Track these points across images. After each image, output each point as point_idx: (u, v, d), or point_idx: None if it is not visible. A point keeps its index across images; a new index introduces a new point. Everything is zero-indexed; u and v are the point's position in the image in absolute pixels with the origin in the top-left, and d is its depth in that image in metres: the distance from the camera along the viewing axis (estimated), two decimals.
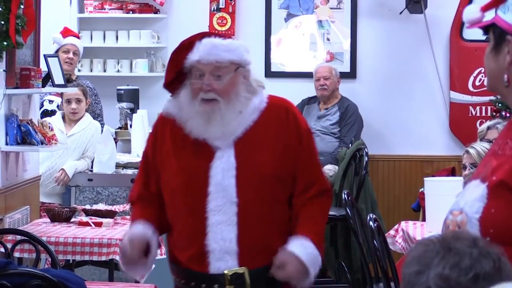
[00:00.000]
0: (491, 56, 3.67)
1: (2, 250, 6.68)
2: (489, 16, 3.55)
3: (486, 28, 3.58)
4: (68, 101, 9.49)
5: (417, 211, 9.37)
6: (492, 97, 9.65)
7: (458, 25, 10.80)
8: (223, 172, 4.67)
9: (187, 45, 4.74)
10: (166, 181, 4.85)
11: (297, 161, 4.80)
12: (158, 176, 4.87)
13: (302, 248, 4.60)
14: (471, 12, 3.59)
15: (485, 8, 3.59)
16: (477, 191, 3.55)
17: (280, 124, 4.84)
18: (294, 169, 4.79)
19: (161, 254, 7.23)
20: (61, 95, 9.60)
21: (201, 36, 4.75)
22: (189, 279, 4.77)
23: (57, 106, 9.85)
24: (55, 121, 9.27)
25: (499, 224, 3.40)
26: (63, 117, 9.55)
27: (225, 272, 4.61)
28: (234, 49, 4.75)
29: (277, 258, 4.63)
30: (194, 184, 4.75)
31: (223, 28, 10.92)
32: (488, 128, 8.02)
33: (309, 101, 10.23)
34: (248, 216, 4.68)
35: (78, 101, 9.45)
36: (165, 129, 4.89)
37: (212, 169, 4.68)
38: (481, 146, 6.95)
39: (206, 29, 10.62)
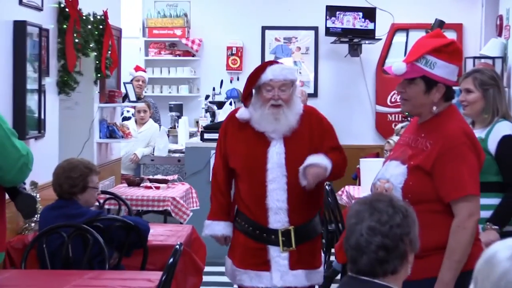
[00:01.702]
0: (422, 94, 4.11)
1: (97, 203, 6.93)
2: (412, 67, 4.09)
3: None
4: (138, 111, 10.95)
5: (355, 179, 10.03)
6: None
7: (380, 64, 12.31)
8: (277, 155, 5.17)
9: (260, 70, 5.17)
10: (236, 161, 5.31)
11: (323, 141, 5.25)
12: (227, 160, 5.36)
13: (320, 159, 5.07)
14: (399, 67, 4.10)
15: (408, 62, 4.09)
16: (399, 169, 4.11)
17: (310, 123, 5.27)
18: (321, 146, 5.22)
19: (197, 206, 8.96)
20: (134, 107, 10.70)
21: (270, 63, 5.25)
22: (255, 228, 5.24)
23: (132, 114, 10.94)
24: (130, 123, 10.39)
25: (414, 191, 4.02)
26: (136, 121, 10.92)
27: (279, 229, 5.17)
28: (292, 72, 5.30)
29: (303, 167, 5.06)
30: (258, 163, 5.19)
31: (235, 66, 12.60)
32: (402, 127, 8.69)
33: None
34: (294, 184, 5.12)
35: (144, 111, 10.93)
36: (234, 124, 5.33)
37: (269, 153, 5.19)
38: (396, 139, 7.24)
39: (224, 67, 12.54)
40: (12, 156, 3.53)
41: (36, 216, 5.93)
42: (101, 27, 8.36)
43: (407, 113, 9.87)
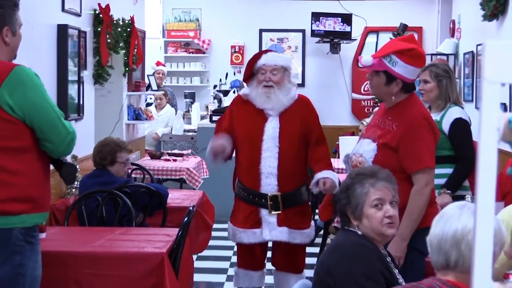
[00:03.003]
0: (383, 85, 4.13)
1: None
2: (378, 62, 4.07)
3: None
4: (156, 98, 10.93)
5: (335, 153, 10.04)
6: (373, 96, 10.28)
7: (356, 60, 12.26)
8: (272, 129, 5.08)
9: (257, 56, 5.14)
10: (238, 132, 5.18)
11: (311, 127, 5.16)
12: (233, 130, 5.21)
13: (330, 174, 5.02)
14: (367, 60, 4.11)
15: (375, 57, 4.09)
16: (370, 146, 4.13)
17: (304, 110, 5.19)
18: (309, 131, 5.14)
19: (206, 175, 8.98)
20: (154, 95, 10.79)
21: (265, 51, 5.22)
22: (249, 193, 5.17)
23: (153, 101, 11.03)
24: (152, 108, 10.57)
25: (382, 164, 3.78)
26: (155, 106, 10.92)
27: (268, 194, 5.09)
28: (284, 59, 5.22)
29: (319, 178, 5.01)
30: (256, 134, 5.10)
31: (237, 61, 12.62)
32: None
33: None
34: (284, 154, 5.07)
35: (161, 98, 10.91)
36: (239, 103, 5.28)
37: (266, 127, 5.10)
38: (368, 120, 6.98)
39: (229, 62, 12.58)
40: (62, 133, 3.55)
41: (76, 182, 5.98)
42: (128, 29, 8.42)
43: (377, 99, 10.47)
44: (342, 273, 2.93)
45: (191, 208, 5.04)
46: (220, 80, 11.69)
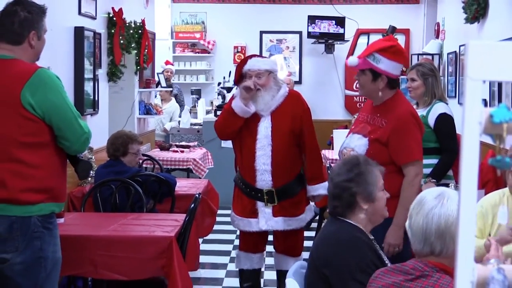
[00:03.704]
0: (370, 82, 4.13)
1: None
2: (363, 61, 4.10)
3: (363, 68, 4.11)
4: (161, 95, 10.87)
5: (329, 145, 9.87)
6: None
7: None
8: (265, 129, 4.98)
9: (243, 62, 5.06)
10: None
11: (302, 124, 5.03)
12: None
13: (323, 189, 5.02)
14: (353, 61, 4.16)
15: (360, 57, 4.14)
16: (362, 141, 4.11)
17: (294, 105, 5.05)
18: (301, 128, 5.03)
19: (211, 165, 8.93)
20: (161, 91, 10.63)
21: (250, 56, 5.10)
22: (247, 187, 5.11)
23: (158, 95, 10.81)
24: (157, 101, 10.58)
25: (373, 158, 3.69)
26: (161, 101, 10.87)
27: (264, 189, 5.03)
28: (267, 63, 5.06)
29: (313, 195, 5.10)
30: (250, 134, 5.01)
31: (240, 60, 11.36)
32: None
33: None
34: (277, 151, 4.98)
35: (166, 91, 10.70)
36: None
37: (259, 127, 5.00)
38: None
39: (232, 61, 12.33)
40: (78, 132, 3.57)
41: (92, 172, 5.94)
42: (140, 31, 8.39)
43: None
44: (339, 266, 2.93)
45: (197, 195, 5.04)
46: (224, 77, 11.67)
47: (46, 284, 3.51)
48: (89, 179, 6.13)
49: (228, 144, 5.90)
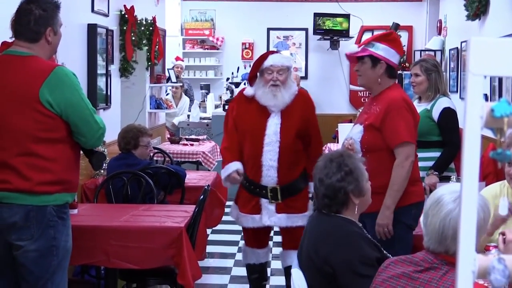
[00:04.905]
0: (369, 69, 4.13)
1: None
2: (363, 49, 4.15)
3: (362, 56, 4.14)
4: (172, 87, 10.53)
5: (334, 139, 9.81)
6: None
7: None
8: (274, 125, 4.92)
9: (263, 57, 4.95)
10: (242, 128, 5.02)
11: (309, 125, 5.01)
12: (236, 126, 5.06)
13: None
14: (352, 49, 4.25)
15: (360, 45, 4.21)
16: (358, 128, 4.14)
17: (303, 105, 5.02)
18: (307, 127, 4.99)
19: (220, 157, 8.05)
20: (172, 87, 10.52)
21: (271, 52, 5.06)
22: (251, 184, 5.04)
23: (171, 89, 10.63)
24: (169, 97, 10.41)
25: (369, 143, 4.05)
26: (172, 96, 10.71)
27: (268, 186, 4.96)
28: (288, 60, 5.08)
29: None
30: (259, 129, 4.94)
31: (248, 56, 12.45)
32: None
33: None
34: (284, 148, 4.92)
35: (176, 88, 10.67)
36: (242, 101, 5.07)
37: (268, 122, 4.94)
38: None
39: (240, 57, 12.46)
40: (94, 128, 3.61)
41: (104, 164, 5.89)
42: (151, 28, 8.37)
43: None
44: (340, 262, 2.91)
45: (206, 187, 5.04)
46: (232, 73, 11.65)
47: (57, 271, 3.55)
48: (102, 171, 6.13)
49: None
